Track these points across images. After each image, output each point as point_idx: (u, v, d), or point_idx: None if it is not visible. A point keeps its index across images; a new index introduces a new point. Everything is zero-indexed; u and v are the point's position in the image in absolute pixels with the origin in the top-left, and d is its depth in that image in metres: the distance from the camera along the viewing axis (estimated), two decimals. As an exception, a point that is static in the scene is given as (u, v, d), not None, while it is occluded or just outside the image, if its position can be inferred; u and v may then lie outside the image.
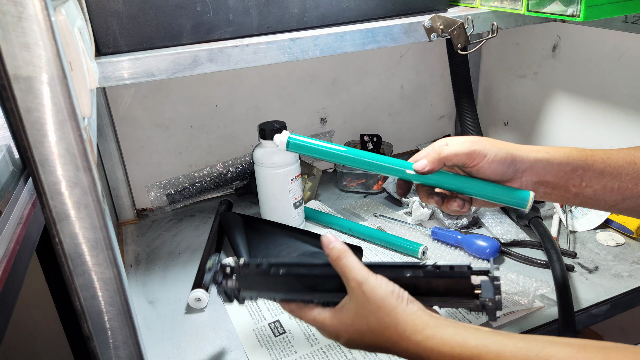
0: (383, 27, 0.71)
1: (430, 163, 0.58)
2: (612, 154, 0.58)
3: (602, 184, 0.57)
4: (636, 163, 0.57)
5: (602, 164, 0.57)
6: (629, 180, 0.57)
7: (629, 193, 0.57)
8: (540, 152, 0.58)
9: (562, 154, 0.57)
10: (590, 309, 0.72)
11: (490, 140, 0.58)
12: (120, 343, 0.39)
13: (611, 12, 0.68)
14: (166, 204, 1.10)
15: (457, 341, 0.46)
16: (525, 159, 0.57)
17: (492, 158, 0.56)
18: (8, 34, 0.28)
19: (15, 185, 0.49)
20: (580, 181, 0.57)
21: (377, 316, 0.50)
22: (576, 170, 0.57)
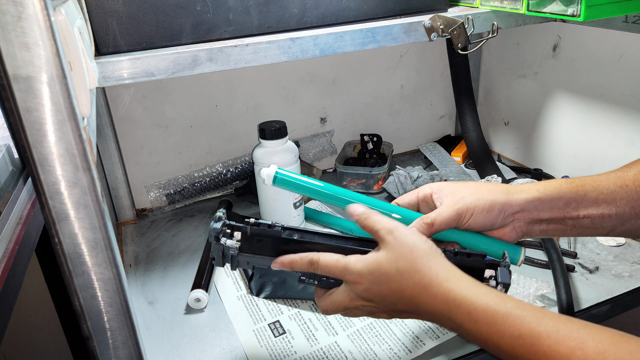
0: (383, 27, 0.71)
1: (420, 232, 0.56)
2: (602, 180, 0.56)
3: (599, 212, 0.56)
4: (628, 185, 0.56)
5: (594, 192, 0.56)
6: (625, 204, 0.55)
7: (627, 217, 0.56)
8: (530, 191, 0.56)
9: (552, 189, 0.56)
10: (590, 309, 0.72)
11: (475, 190, 0.57)
12: (119, 343, 0.39)
13: (611, 12, 0.68)
14: (166, 204, 1.09)
15: (494, 299, 0.44)
16: (514, 203, 0.56)
17: (479, 213, 0.55)
18: (8, 33, 0.28)
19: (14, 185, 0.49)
20: (576, 213, 0.56)
21: (409, 260, 0.48)
22: (570, 203, 0.56)
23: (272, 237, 0.55)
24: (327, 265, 0.52)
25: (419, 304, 0.48)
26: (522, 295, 0.73)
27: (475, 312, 0.44)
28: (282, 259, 0.55)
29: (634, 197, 0.55)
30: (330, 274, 0.53)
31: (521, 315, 0.42)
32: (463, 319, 0.45)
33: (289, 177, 0.62)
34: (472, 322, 0.44)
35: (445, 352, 0.66)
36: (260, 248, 0.55)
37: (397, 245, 0.49)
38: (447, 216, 0.55)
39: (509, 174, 1.10)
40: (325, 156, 1.22)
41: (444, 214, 0.55)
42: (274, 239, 0.55)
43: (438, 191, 0.58)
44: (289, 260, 0.54)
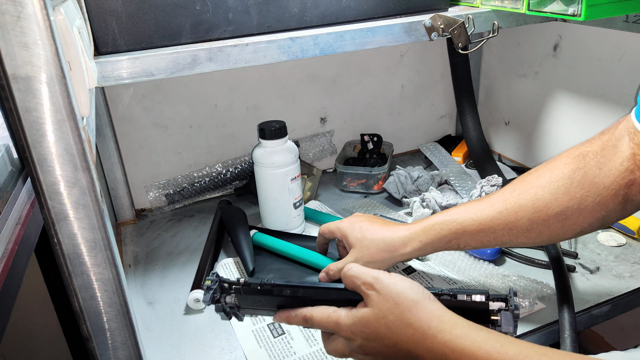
0: (383, 27, 0.71)
1: (325, 278, 0.71)
2: (484, 209, 0.61)
3: (479, 241, 0.62)
4: (507, 209, 0.60)
5: (472, 225, 0.61)
6: (502, 229, 0.60)
7: (506, 238, 0.61)
8: (412, 244, 0.65)
9: (433, 236, 0.64)
10: (591, 309, 0.72)
11: (367, 252, 0.67)
12: (119, 344, 0.38)
13: (612, 11, 0.67)
14: (165, 204, 1.09)
15: (494, 346, 0.42)
16: (399, 258, 0.67)
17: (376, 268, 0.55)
18: (7, 33, 0.28)
19: (13, 186, 0.48)
20: (457, 245, 0.64)
21: (397, 314, 0.46)
22: (450, 242, 0.64)
23: (264, 295, 0.56)
24: (320, 321, 0.52)
25: (417, 357, 0.46)
26: (522, 295, 0.73)
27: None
28: (280, 315, 0.56)
29: (510, 220, 0.59)
30: (324, 329, 0.53)
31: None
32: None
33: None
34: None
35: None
36: (257, 302, 0.57)
37: (382, 300, 0.48)
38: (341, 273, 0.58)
39: (509, 174, 1.10)
40: (325, 156, 1.22)
41: (339, 271, 0.68)
42: (266, 296, 0.56)
43: (344, 237, 0.72)
44: (285, 316, 0.55)
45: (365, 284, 0.49)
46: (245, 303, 0.57)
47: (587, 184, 0.56)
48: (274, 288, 0.55)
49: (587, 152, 0.59)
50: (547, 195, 0.58)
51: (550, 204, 0.57)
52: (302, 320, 0.54)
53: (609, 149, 0.57)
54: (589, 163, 0.57)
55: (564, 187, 0.57)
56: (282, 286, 0.55)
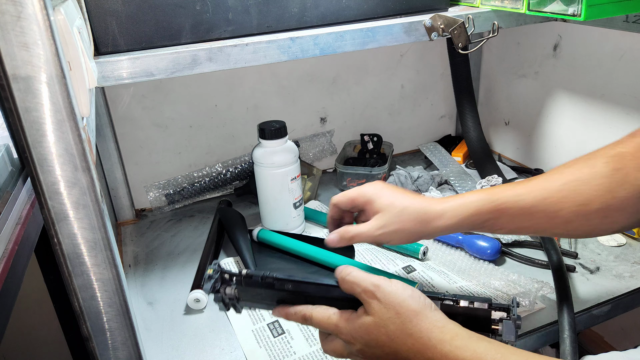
0: (383, 27, 0.71)
1: (341, 241, 0.64)
2: (523, 194, 0.58)
3: (516, 225, 0.59)
4: (549, 197, 0.57)
5: (513, 208, 0.58)
6: (542, 216, 0.57)
7: (543, 227, 0.58)
8: (448, 217, 0.59)
9: (473, 210, 0.59)
10: (591, 309, 0.72)
11: (399, 217, 0.60)
12: (119, 344, 0.38)
13: (612, 11, 0.67)
14: (165, 204, 1.09)
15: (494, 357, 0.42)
16: (432, 232, 0.60)
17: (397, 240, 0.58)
18: (7, 33, 0.28)
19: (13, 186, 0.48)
20: (492, 227, 0.59)
21: (397, 323, 0.46)
22: (487, 221, 0.59)
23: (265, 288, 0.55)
24: (319, 322, 0.52)
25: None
26: (523, 295, 0.73)
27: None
28: (279, 310, 0.56)
29: (553, 209, 0.56)
30: (323, 330, 0.53)
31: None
32: None
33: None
34: None
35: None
36: (257, 295, 0.56)
37: (383, 310, 0.47)
38: (366, 237, 0.61)
39: (509, 174, 1.10)
40: (325, 156, 1.22)
41: (364, 234, 0.62)
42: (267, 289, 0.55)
43: (369, 203, 0.63)
44: (284, 312, 0.55)
45: (366, 291, 0.49)
46: (246, 295, 0.57)
47: (628, 186, 0.55)
48: (275, 282, 0.55)
49: (624, 153, 0.58)
50: (590, 191, 0.56)
51: (593, 200, 0.56)
52: (301, 318, 0.53)
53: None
54: (628, 165, 0.56)
55: (606, 185, 0.56)
56: (284, 280, 0.55)
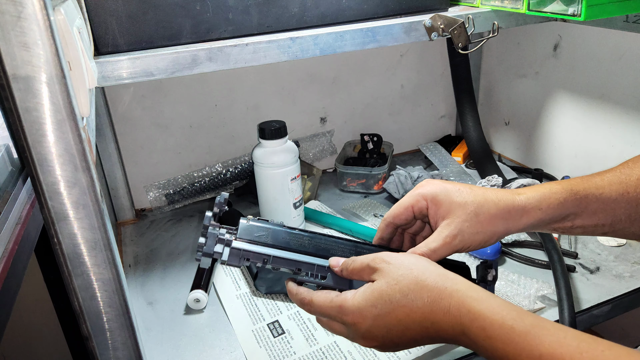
0: (383, 27, 0.71)
1: None
2: (605, 187, 0.52)
3: (594, 221, 0.53)
4: (629, 192, 0.52)
5: (596, 202, 0.52)
6: (623, 212, 0.52)
7: (622, 224, 0.53)
8: (533, 214, 0.51)
9: (556, 206, 0.51)
10: (591, 309, 0.72)
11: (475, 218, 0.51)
12: (119, 344, 0.38)
13: (612, 11, 0.67)
14: (165, 204, 1.09)
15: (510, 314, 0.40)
16: (514, 230, 0.52)
17: (476, 246, 0.51)
18: (7, 33, 0.28)
19: (13, 185, 0.48)
20: (570, 225, 0.53)
21: (410, 277, 0.44)
22: (568, 217, 0.52)
23: (274, 228, 0.52)
24: (320, 306, 0.48)
25: (430, 325, 0.44)
26: (522, 295, 0.73)
27: (491, 327, 0.40)
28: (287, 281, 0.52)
29: (632, 205, 0.52)
30: (325, 316, 0.49)
31: (540, 334, 0.39)
32: (477, 335, 0.41)
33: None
34: (487, 339, 0.40)
35: (445, 352, 0.66)
36: (259, 237, 0.52)
37: (394, 269, 0.46)
38: (442, 252, 0.51)
39: (509, 174, 1.10)
40: (325, 156, 1.22)
41: (440, 251, 0.50)
42: (275, 230, 0.52)
43: (434, 206, 0.53)
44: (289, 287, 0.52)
45: (376, 258, 0.47)
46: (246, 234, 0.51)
47: None
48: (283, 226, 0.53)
49: None
50: None
51: None
52: (300, 302, 0.50)
53: None
54: None
55: None
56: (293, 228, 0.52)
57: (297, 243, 0.52)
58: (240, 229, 0.52)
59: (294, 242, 0.52)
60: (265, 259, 0.50)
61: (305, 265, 0.51)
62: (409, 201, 0.54)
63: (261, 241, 0.51)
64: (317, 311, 0.49)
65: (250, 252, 0.50)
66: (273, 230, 0.52)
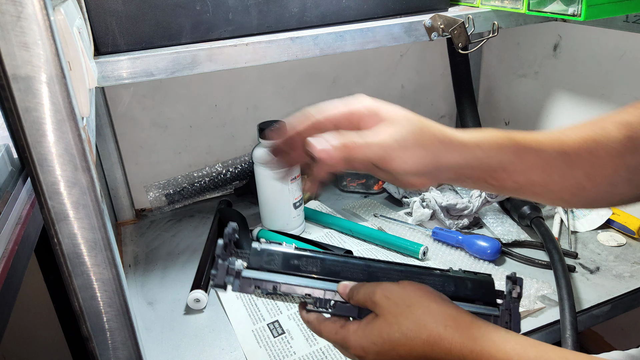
0: (383, 27, 0.71)
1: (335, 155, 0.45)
2: (544, 144, 0.49)
3: (528, 178, 0.49)
4: (567, 153, 0.49)
5: (533, 156, 0.48)
6: (557, 172, 0.49)
7: (555, 186, 0.49)
8: (469, 148, 0.47)
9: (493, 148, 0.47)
10: (591, 309, 0.72)
11: (412, 133, 0.47)
12: (119, 344, 0.38)
13: (612, 11, 0.67)
14: (165, 204, 1.09)
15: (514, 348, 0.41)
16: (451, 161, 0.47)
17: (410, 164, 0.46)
18: (7, 33, 0.28)
19: (13, 186, 0.48)
20: (505, 176, 0.48)
21: (410, 317, 0.44)
22: (504, 165, 0.48)
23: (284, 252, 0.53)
24: (328, 337, 0.50)
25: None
26: (523, 295, 0.73)
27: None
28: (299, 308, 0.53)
29: (567, 167, 0.49)
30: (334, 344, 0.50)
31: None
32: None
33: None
34: None
35: None
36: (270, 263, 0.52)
37: (392, 306, 0.46)
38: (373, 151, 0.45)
39: (509, 174, 1.10)
40: (325, 156, 1.21)
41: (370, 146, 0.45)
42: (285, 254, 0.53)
43: (371, 115, 0.49)
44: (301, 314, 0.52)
45: (376, 292, 0.47)
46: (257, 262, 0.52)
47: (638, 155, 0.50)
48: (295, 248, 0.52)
49: (632, 122, 0.53)
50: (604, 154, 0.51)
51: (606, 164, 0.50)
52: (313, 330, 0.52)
53: None
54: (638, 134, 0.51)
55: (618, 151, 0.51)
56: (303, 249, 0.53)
57: (307, 267, 0.53)
58: (251, 257, 0.52)
59: (303, 267, 0.52)
60: (275, 286, 0.52)
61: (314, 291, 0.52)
62: (344, 102, 0.50)
63: (271, 268, 0.52)
64: (326, 340, 0.50)
65: (260, 280, 0.51)
66: (283, 254, 0.53)
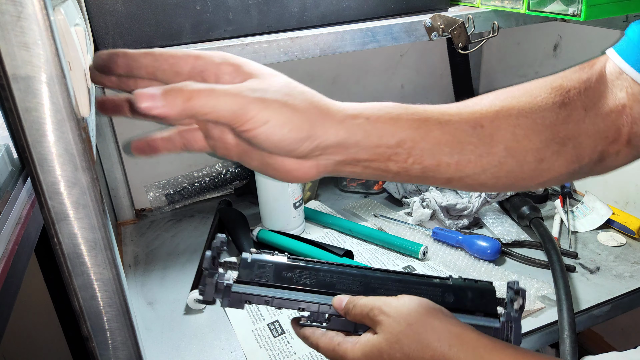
0: (383, 27, 0.71)
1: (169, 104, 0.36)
2: (452, 116, 0.42)
3: (436, 159, 0.41)
4: (483, 126, 0.42)
5: (438, 130, 0.41)
6: (472, 150, 0.42)
7: (471, 168, 0.42)
8: (356, 119, 0.40)
9: (387, 120, 0.40)
10: (591, 309, 0.72)
11: (286, 91, 0.41)
12: (119, 344, 0.38)
13: (612, 11, 0.67)
14: (165, 204, 1.09)
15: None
16: (330, 132, 0.39)
17: (277, 126, 0.37)
18: (7, 33, 0.28)
19: (13, 185, 0.48)
20: (406, 157, 0.41)
21: (411, 335, 0.43)
22: (403, 142, 0.40)
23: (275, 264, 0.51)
24: (325, 351, 0.48)
25: None
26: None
27: None
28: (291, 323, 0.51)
29: (485, 142, 0.42)
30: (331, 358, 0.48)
31: None
32: None
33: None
34: None
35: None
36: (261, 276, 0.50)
37: (394, 324, 0.44)
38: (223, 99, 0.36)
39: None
40: (325, 156, 1.21)
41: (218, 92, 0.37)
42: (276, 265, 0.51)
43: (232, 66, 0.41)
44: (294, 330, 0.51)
45: (374, 308, 0.45)
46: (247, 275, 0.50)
47: (571, 126, 0.44)
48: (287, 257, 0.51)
49: (570, 87, 0.45)
50: (531, 125, 0.44)
51: (532, 136, 0.43)
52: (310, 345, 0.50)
53: (592, 91, 0.45)
54: (574, 101, 0.45)
55: (549, 120, 0.44)
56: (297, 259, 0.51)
57: (300, 279, 0.51)
58: (241, 270, 0.50)
59: (296, 279, 0.50)
60: (267, 300, 0.49)
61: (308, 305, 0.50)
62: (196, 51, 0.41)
63: (262, 281, 0.50)
64: (324, 355, 0.49)
65: (251, 295, 0.49)
66: (275, 266, 0.50)
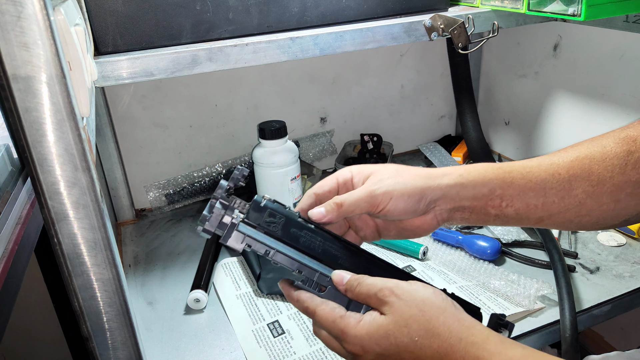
0: (383, 26, 0.71)
1: (329, 213, 0.49)
2: (532, 167, 0.51)
3: (525, 202, 0.50)
4: (560, 174, 0.51)
5: (522, 179, 0.50)
6: (554, 194, 0.50)
7: (556, 208, 0.50)
8: (452, 176, 0.51)
9: (476, 175, 0.51)
10: (591, 309, 0.72)
11: (395, 173, 0.52)
12: (119, 344, 0.38)
13: (612, 11, 0.67)
14: (165, 204, 1.09)
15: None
16: (435, 189, 0.50)
17: (398, 197, 0.50)
18: (7, 33, 0.28)
19: (13, 185, 0.48)
20: (500, 202, 0.50)
21: (422, 322, 0.41)
22: (494, 190, 0.50)
23: (287, 217, 0.49)
24: (322, 322, 0.46)
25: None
26: (523, 295, 0.73)
27: None
28: (283, 285, 0.50)
29: (565, 187, 0.50)
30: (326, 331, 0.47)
31: None
32: None
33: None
34: None
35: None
36: (268, 223, 0.49)
37: (404, 307, 0.42)
38: (358, 197, 0.50)
39: (509, 174, 1.10)
40: (325, 156, 1.22)
41: (355, 194, 0.50)
42: (288, 219, 0.49)
43: (358, 174, 0.54)
44: (287, 291, 0.49)
45: (385, 288, 0.44)
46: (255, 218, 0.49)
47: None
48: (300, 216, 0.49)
49: (635, 136, 0.53)
50: (602, 171, 0.51)
51: (606, 180, 0.51)
52: (303, 309, 0.48)
53: None
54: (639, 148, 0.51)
55: (618, 167, 0.51)
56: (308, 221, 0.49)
57: (307, 242, 0.49)
58: (252, 210, 0.49)
59: (303, 240, 0.49)
60: (268, 250, 0.48)
61: (307, 269, 0.48)
62: (335, 174, 0.56)
63: (269, 229, 0.49)
64: (318, 324, 0.47)
65: (254, 239, 0.48)
66: (286, 219, 0.49)
